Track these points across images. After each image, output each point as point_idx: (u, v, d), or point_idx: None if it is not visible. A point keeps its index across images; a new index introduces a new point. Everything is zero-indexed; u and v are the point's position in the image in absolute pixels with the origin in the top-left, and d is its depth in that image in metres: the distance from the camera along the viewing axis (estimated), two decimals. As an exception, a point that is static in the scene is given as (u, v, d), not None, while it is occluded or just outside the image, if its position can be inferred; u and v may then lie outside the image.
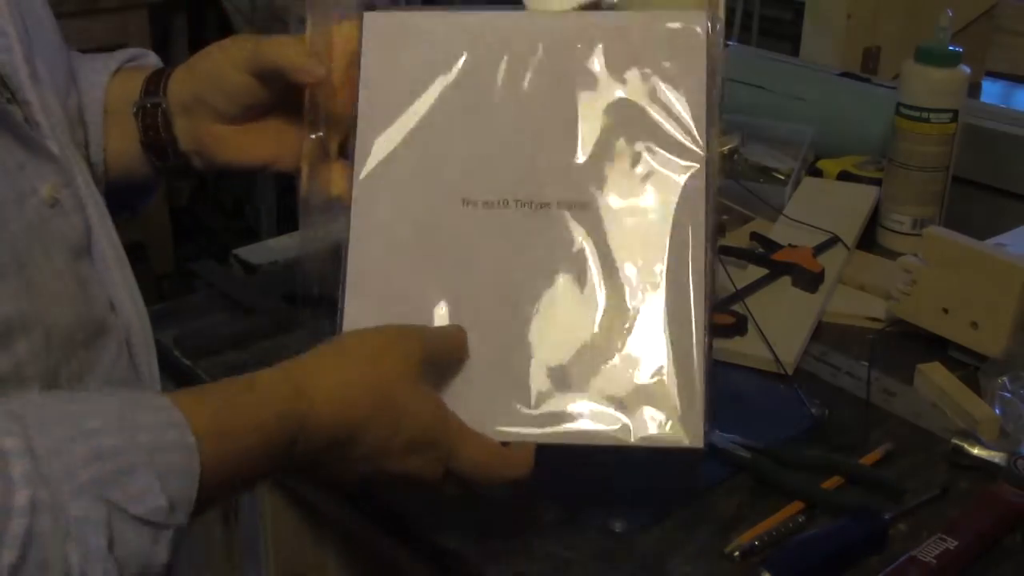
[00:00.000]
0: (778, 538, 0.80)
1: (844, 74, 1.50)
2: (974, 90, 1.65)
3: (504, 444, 0.72)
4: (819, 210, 1.23)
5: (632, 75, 0.75)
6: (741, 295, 1.08)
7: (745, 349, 1.02)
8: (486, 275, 0.74)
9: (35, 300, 0.68)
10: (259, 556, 1.09)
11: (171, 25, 2.98)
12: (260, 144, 0.85)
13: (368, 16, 0.79)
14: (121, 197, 0.88)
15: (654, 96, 0.74)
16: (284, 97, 0.83)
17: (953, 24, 1.18)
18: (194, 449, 0.58)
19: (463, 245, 0.74)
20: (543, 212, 0.73)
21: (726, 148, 1.39)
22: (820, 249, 1.16)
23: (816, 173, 1.36)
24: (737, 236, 1.23)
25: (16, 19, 0.73)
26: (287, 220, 2.91)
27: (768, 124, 1.41)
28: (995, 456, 0.86)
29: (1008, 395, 0.94)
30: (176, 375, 1.04)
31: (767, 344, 1.01)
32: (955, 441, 0.89)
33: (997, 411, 0.93)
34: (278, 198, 2.88)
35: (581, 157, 0.74)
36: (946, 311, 1.02)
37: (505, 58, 0.76)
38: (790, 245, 1.15)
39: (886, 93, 1.34)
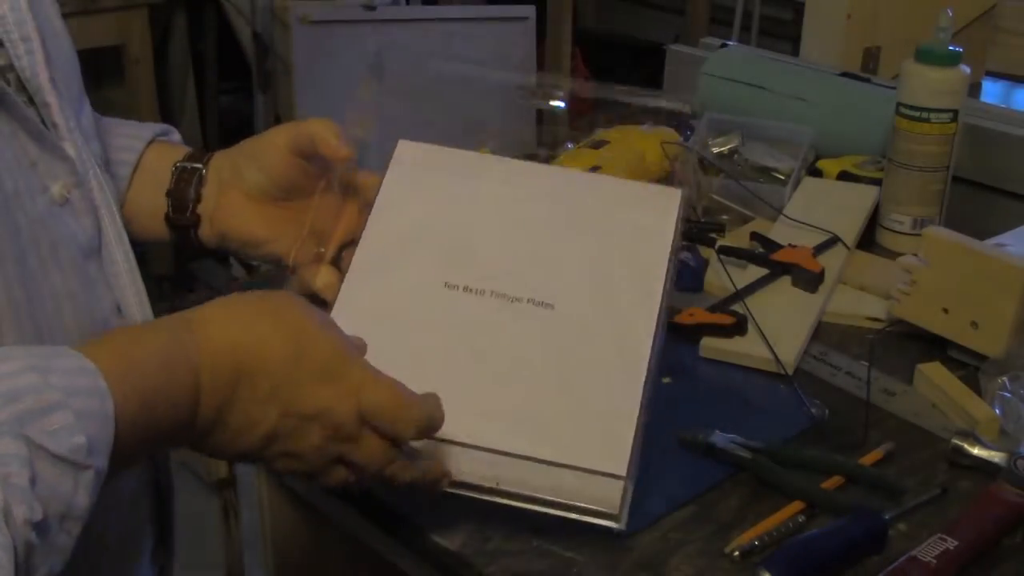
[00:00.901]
0: (778, 538, 0.80)
1: (844, 74, 1.50)
2: (974, 90, 1.65)
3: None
4: (819, 210, 1.23)
5: (613, 219, 0.88)
6: (741, 295, 1.08)
7: (745, 349, 1.02)
8: (454, 339, 0.81)
9: (31, 293, 0.69)
10: (258, 556, 1.09)
11: (171, 25, 2.98)
12: (265, 224, 0.91)
13: (401, 144, 0.91)
14: None
15: (626, 241, 0.87)
16: (307, 189, 0.90)
17: (953, 24, 1.18)
18: (106, 393, 0.57)
19: (439, 316, 0.82)
20: (515, 304, 0.83)
21: (726, 148, 1.39)
22: (820, 249, 1.16)
23: (816, 173, 1.36)
24: (737, 236, 1.23)
25: (34, 24, 0.75)
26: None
27: (768, 124, 1.41)
28: (995, 456, 0.86)
29: (1008, 395, 0.94)
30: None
31: (767, 344, 1.01)
32: (955, 441, 0.89)
33: (997, 411, 0.93)
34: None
35: (555, 268, 0.85)
36: (946, 311, 1.02)
37: (509, 189, 0.90)
38: (790, 245, 1.15)
39: (886, 93, 1.34)
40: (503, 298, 0.83)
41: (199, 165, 0.92)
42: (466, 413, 0.74)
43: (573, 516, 0.76)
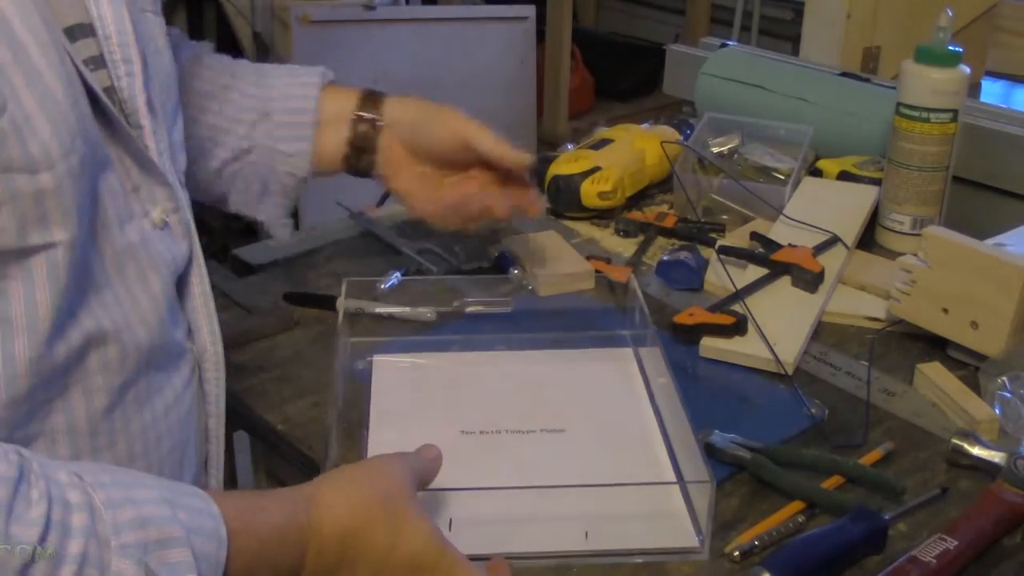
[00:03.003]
0: (778, 538, 0.80)
1: (844, 74, 1.50)
2: (974, 90, 1.65)
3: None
4: (819, 210, 1.23)
5: (585, 373, 1.01)
6: (741, 295, 1.08)
7: (745, 349, 1.02)
8: (491, 466, 0.87)
9: (117, 317, 0.70)
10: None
11: (171, 25, 2.98)
12: (418, 181, 1.03)
13: (376, 359, 1.01)
14: None
15: (605, 379, 1.00)
16: (460, 167, 1.04)
17: (953, 24, 1.18)
18: (224, 541, 0.60)
19: (467, 453, 0.88)
20: (530, 435, 0.91)
21: (726, 148, 1.39)
22: (820, 249, 1.16)
23: (816, 173, 1.36)
24: (737, 236, 1.23)
25: (137, 44, 0.75)
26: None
27: (768, 124, 1.41)
28: (995, 456, 0.86)
29: (1008, 395, 0.94)
30: (176, 375, 1.04)
31: (767, 344, 1.01)
32: (955, 441, 0.89)
33: (997, 411, 0.93)
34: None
35: (550, 407, 0.95)
36: (946, 311, 1.02)
37: (486, 368, 1.01)
38: (790, 245, 1.15)
39: (886, 93, 1.34)
40: (518, 432, 0.91)
41: (377, 117, 1.02)
42: (533, 526, 0.79)
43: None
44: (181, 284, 0.78)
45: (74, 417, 0.69)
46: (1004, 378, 0.95)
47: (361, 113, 1.02)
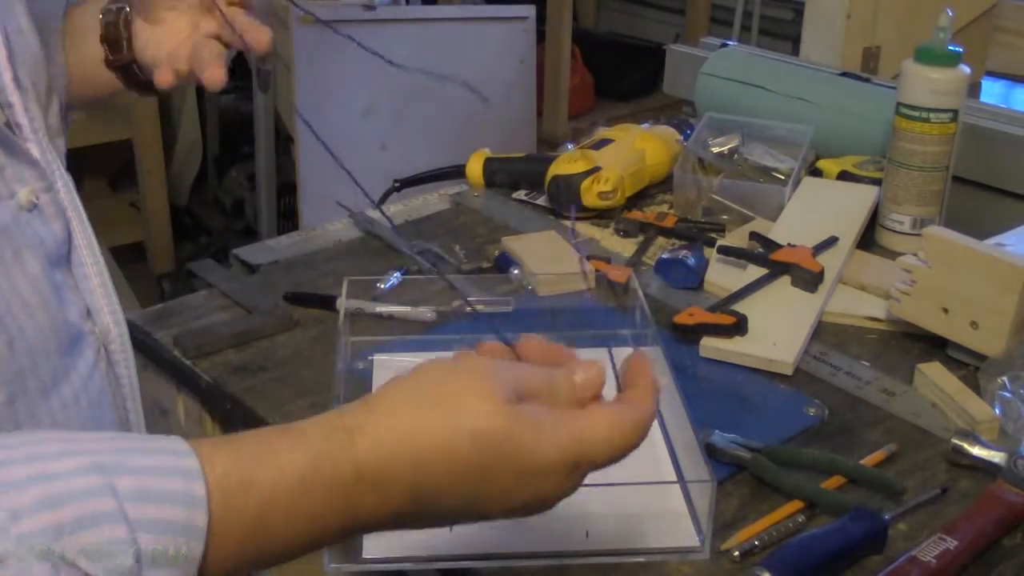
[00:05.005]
0: (778, 538, 0.80)
1: (844, 74, 1.50)
2: (974, 90, 1.65)
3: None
4: (819, 210, 1.23)
5: None
6: (741, 295, 1.08)
7: (745, 349, 1.02)
8: None
9: None
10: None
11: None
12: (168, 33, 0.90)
13: (377, 359, 1.00)
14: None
15: None
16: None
17: (953, 24, 1.18)
18: (198, 501, 0.49)
19: None
20: None
21: (726, 148, 1.39)
22: (820, 249, 1.16)
23: (816, 173, 1.36)
24: (737, 236, 1.23)
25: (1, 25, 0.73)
26: (287, 220, 2.91)
27: (768, 124, 1.41)
28: (995, 456, 0.86)
29: (1008, 395, 0.94)
30: (176, 375, 1.04)
31: (767, 344, 1.01)
32: (955, 441, 0.89)
33: (997, 411, 0.93)
34: (278, 198, 2.88)
35: None
36: (946, 311, 1.02)
37: None
38: (790, 245, 1.15)
39: (886, 93, 1.34)
40: None
41: (123, 4, 0.91)
42: (533, 526, 0.76)
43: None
44: (70, 266, 0.74)
45: None
46: (1004, 378, 0.95)
47: (109, 6, 0.92)
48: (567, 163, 1.31)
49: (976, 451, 0.87)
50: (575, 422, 0.60)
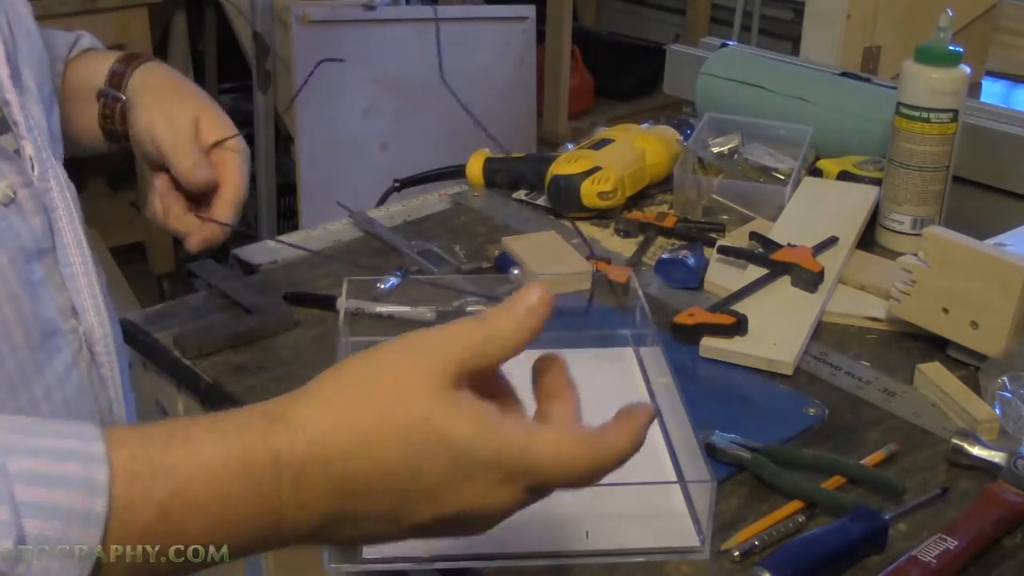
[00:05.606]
0: (778, 538, 0.80)
1: (844, 74, 1.50)
2: (974, 90, 1.65)
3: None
4: (819, 210, 1.23)
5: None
6: (741, 295, 1.08)
7: (745, 349, 1.02)
8: None
9: None
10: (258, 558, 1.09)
11: (171, 25, 2.98)
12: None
13: None
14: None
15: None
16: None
17: (953, 24, 1.18)
18: (99, 489, 0.46)
19: None
20: None
21: (726, 148, 1.39)
22: (820, 249, 1.16)
23: (816, 173, 1.36)
24: (737, 236, 1.23)
25: (1, 23, 0.73)
26: (287, 220, 2.91)
27: (768, 124, 1.41)
28: (995, 456, 0.86)
29: (1008, 395, 0.94)
30: (176, 375, 1.04)
31: (767, 344, 1.01)
32: (955, 441, 0.88)
33: (997, 411, 0.93)
34: (278, 198, 2.88)
35: None
36: (946, 311, 1.02)
37: None
38: (790, 245, 1.15)
39: (886, 93, 1.34)
40: None
41: (121, 96, 0.94)
42: (533, 526, 0.76)
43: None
44: (57, 264, 0.74)
45: None
46: (1004, 378, 0.95)
47: (106, 89, 0.94)
48: (567, 163, 1.31)
49: (976, 451, 0.87)
50: (529, 432, 0.55)
